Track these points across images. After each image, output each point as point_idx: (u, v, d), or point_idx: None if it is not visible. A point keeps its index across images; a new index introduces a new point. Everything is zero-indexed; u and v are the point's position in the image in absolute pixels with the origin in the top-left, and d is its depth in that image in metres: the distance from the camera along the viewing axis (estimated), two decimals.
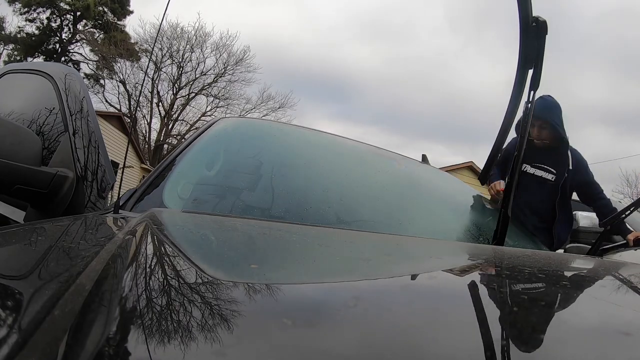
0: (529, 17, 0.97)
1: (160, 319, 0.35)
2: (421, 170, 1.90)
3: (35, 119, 1.36)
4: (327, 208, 1.20)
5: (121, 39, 24.37)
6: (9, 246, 0.65)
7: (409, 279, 0.63)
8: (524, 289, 0.60)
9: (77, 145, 1.18)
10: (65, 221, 0.93)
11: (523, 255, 0.96)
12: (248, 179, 1.28)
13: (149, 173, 1.28)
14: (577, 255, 1.56)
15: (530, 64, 1.03)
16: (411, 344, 0.36)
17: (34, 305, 0.38)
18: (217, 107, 26.48)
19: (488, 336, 0.39)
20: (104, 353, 0.29)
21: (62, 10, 21.64)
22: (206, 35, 26.01)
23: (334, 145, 1.72)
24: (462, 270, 0.76)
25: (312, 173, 1.39)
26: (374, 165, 1.67)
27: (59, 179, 1.13)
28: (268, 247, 0.75)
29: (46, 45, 22.60)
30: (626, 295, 0.69)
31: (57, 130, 1.26)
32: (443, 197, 1.71)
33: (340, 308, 0.42)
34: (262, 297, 0.43)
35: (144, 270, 0.49)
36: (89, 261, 0.48)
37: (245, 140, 1.54)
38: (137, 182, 13.06)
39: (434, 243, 1.10)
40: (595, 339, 0.42)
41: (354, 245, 0.84)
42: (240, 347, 0.31)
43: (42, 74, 1.40)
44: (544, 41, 1.00)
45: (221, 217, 0.96)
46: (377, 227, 1.17)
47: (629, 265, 1.01)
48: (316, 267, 0.63)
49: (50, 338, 0.31)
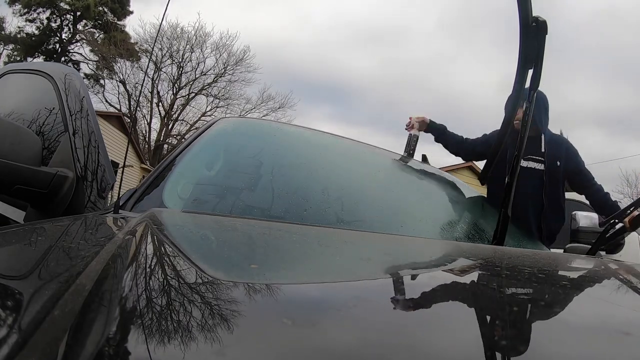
0: (529, 17, 0.97)
1: (161, 319, 0.35)
2: (421, 170, 1.90)
3: (35, 119, 1.36)
4: (327, 208, 1.20)
5: (121, 39, 24.37)
6: (9, 246, 0.65)
7: (409, 279, 0.63)
8: (524, 289, 0.60)
9: (77, 145, 1.18)
10: (65, 221, 0.93)
11: (523, 255, 0.96)
12: (248, 179, 1.28)
13: (149, 173, 1.28)
14: (577, 255, 1.56)
15: (530, 64, 1.03)
16: (411, 344, 0.36)
17: (34, 305, 0.38)
18: (217, 107, 26.46)
19: (488, 336, 0.39)
20: (104, 353, 0.29)
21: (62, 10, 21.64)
22: (206, 35, 25.99)
23: (334, 145, 1.72)
24: (462, 270, 0.76)
25: (312, 173, 1.39)
26: (374, 165, 1.67)
27: (59, 179, 1.13)
28: (268, 247, 0.75)
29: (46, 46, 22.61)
30: (626, 295, 0.69)
31: (57, 130, 1.26)
32: (443, 197, 1.71)
33: (340, 308, 0.42)
34: (262, 297, 0.43)
35: (144, 270, 0.50)
36: (89, 261, 0.48)
37: (245, 140, 1.54)
38: (137, 182, 13.05)
39: (434, 243, 1.10)
40: (595, 339, 0.42)
41: (354, 245, 0.84)
42: (240, 347, 0.31)
43: (42, 74, 1.40)
44: (544, 41, 1.00)
45: (221, 217, 0.96)
46: (377, 227, 1.17)
47: (629, 265, 1.01)
48: (316, 267, 0.63)
49: (50, 338, 0.31)
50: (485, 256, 0.88)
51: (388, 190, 1.47)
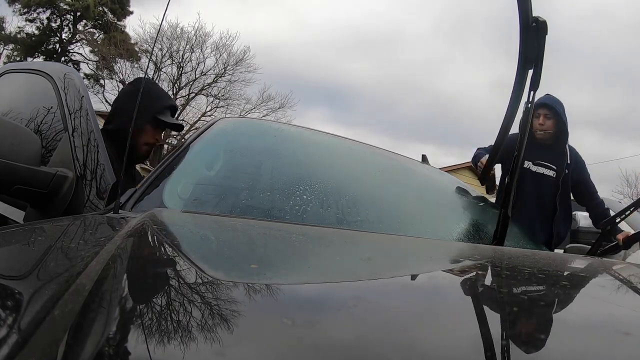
0: (529, 17, 0.97)
1: (160, 319, 0.35)
2: (421, 170, 1.90)
3: (35, 119, 1.36)
4: (327, 208, 1.20)
5: (121, 39, 24.36)
6: (9, 246, 0.65)
7: (409, 279, 0.63)
8: (523, 289, 0.60)
9: (76, 144, 1.18)
10: (65, 221, 0.93)
11: (523, 255, 0.96)
12: (248, 179, 1.28)
13: (148, 173, 1.27)
14: (577, 255, 1.56)
15: (530, 64, 1.03)
16: (411, 344, 0.36)
17: (34, 305, 0.38)
18: (217, 107, 26.39)
19: (488, 336, 0.39)
20: (104, 353, 0.29)
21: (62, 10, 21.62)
22: (206, 36, 25.96)
23: (334, 145, 1.72)
24: (462, 270, 0.76)
25: (312, 173, 1.39)
26: (374, 166, 1.67)
27: (59, 178, 1.13)
28: (268, 247, 0.75)
29: (46, 46, 22.59)
30: (626, 295, 0.69)
31: (56, 129, 1.26)
32: (443, 197, 1.71)
33: (341, 308, 0.42)
34: (262, 297, 0.43)
35: (143, 270, 0.49)
36: (88, 261, 0.48)
37: (245, 140, 1.54)
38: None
39: (434, 243, 1.10)
40: (595, 339, 0.42)
41: (354, 245, 0.84)
42: (240, 347, 0.31)
43: (41, 73, 1.40)
44: (544, 41, 1.00)
45: (221, 217, 0.96)
46: (377, 227, 1.17)
47: (629, 265, 1.01)
48: (316, 267, 0.63)
49: (50, 338, 0.31)
50: (485, 256, 0.88)
51: (388, 191, 1.47)
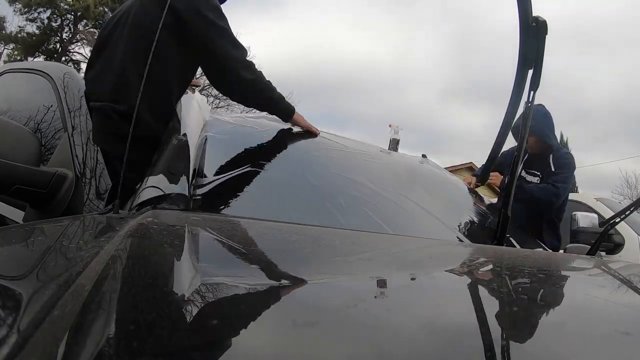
0: (529, 17, 0.97)
1: (160, 319, 0.35)
2: (422, 170, 1.90)
3: (34, 118, 1.36)
4: (327, 208, 1.19)
5: None
6: (9, 246, 0.64)
7: (409, 279, 0.63)
8: (523, 289, 0.60)
9: (75, 142, 1.18)
10: (64, 221, 0.93)
11: (523, 255, 0.97)
12: (248, 179, 1.27)
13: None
14: (577, 255, 1.56)
15: (530, 64, 1.03)
16: (411, 344, 0.36)
17: (34, 305, 0.38)
18: (217, 107, 26.44)
19: (488, 336, 0.39)
20: (104, 353, 0.29)
21: (63, 10, 21.57)
22: None
23: (334, 144, 1.72)
24: (462, 270, 0.76)
25: (312, 173, 1.39)
26: (374, 165, 1.67)
27: (58, 178, 1.13)
28: (268, 247, 0.75)
29: (46, 45, 22.54)
30: (626, 295, 0.69)
31: (56, 129, 1.26)
32: (443, 197, 1.71)
33: (341, 308, 0.42)
34: (263, 297, 0.43)
35: (143, 270, 0.49)
36: (88, 261, 0.48)
37: (245, 140, 1.54)
38: None
39: (434, 243, 1.10)
40: (595, 339, 0.42)
41: (354, 245, 0.84)
42: (240, 347, 0.31)
43: (41, 73, 1.40)
44: (544, 41, 1.00)
45: (221, 217, 0.96)
46: (377, 227, 1.17)
47: (629, 265, 1.01)
48: (316, 267, 0.63)
49: (50, 338, 0.31)
50: (485, 256, 0.88)
51: (388, 190, 1.47)
